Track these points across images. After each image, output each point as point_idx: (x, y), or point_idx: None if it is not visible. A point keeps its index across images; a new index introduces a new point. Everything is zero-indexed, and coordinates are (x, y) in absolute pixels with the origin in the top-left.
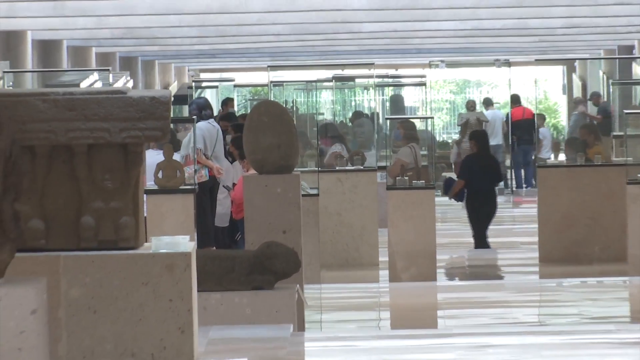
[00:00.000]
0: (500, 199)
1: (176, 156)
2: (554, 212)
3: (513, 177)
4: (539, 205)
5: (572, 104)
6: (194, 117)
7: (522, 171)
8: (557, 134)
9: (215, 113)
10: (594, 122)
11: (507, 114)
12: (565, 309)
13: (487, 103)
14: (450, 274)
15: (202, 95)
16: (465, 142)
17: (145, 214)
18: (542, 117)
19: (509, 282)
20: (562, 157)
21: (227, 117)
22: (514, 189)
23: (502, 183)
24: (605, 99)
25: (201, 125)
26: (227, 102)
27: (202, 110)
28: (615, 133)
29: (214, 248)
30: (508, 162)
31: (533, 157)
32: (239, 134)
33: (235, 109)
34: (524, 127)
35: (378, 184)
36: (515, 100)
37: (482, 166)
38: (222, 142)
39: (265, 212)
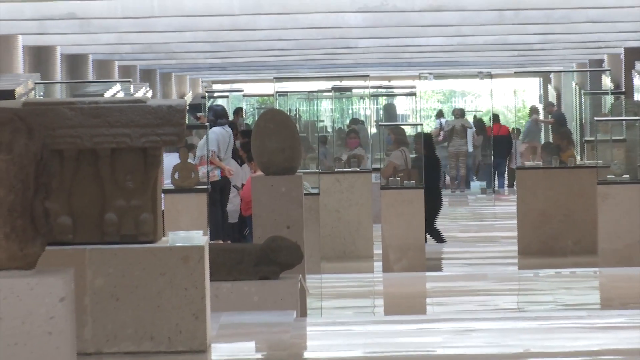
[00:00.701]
0: (482, 197)
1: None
2: (531, 209)
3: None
4: (518, 203)
5: (545, 111)
6: (207, 123)
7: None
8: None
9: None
10: (566, 128)
11: (490, 124)
12: (542, 297)
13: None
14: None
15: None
16: (452, 145)
17: (162, 211)
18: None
19: (490, 272)
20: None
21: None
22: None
23: (485, 183)
24: (573, 108)
25: (216, 130)
26: (237, 112)
27: (218, 118)
28: (586, 138)
29: (229, 242)
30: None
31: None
32: (247, 139)
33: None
34: (497, 142)
35: (372, 184)
36: (495, 118)
37: (428, 165)
38: (233, 146)
39: (271, 209)
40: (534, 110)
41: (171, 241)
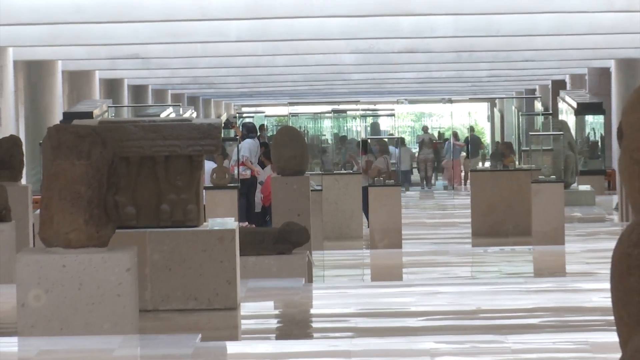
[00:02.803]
0: (444, 192)
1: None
2: (481, 201)
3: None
4: (472, 197)
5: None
6: (237, 137)
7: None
8: (484, 149)
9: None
10: (509, 142)
11: (450, 139)
12: (490, 268)
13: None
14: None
15: (239, 121)
16: (422, 153)
17: (204, 203)
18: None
19: (450, 249)
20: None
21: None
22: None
23: (442, 184)
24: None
25: (249, 141)
26: (261, 127)
27: (250, 132)
28: (523, 148)
29: (254, 226)
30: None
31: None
32: (266, 149)
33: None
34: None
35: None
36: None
37: None
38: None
39: (285, 201)
40: (453, 135)
41: (210, 226)
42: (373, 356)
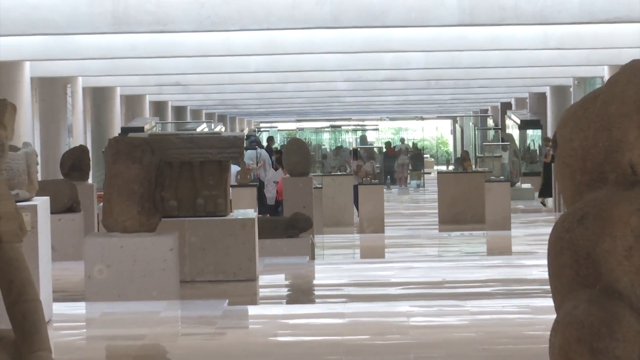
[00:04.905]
0: (419, 190)
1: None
2: (446, 196)
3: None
4: (439, 192)
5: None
6: (253, 145)
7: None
8: (447, 156)
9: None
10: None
11: (423, 147)
12: (452, 248)
13: (402, 141)
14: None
15: (258, 135)
16: (400, 159)
17: (230, 198)
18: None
19: (422, 233)
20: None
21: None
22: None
23: (416, 183)
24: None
25: (249, 151)
26: (270, 139)
27: (250, 143)
28: (478, 155)
29: (269, 215)
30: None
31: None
32: (279, 155)
33: (278, 142)
34: (391, 158)
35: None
36: (388, 144)
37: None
38: (269, 159)
39: (294, 196)
40: (401, 140)
41: (235, 215)
42: (362, 317)
